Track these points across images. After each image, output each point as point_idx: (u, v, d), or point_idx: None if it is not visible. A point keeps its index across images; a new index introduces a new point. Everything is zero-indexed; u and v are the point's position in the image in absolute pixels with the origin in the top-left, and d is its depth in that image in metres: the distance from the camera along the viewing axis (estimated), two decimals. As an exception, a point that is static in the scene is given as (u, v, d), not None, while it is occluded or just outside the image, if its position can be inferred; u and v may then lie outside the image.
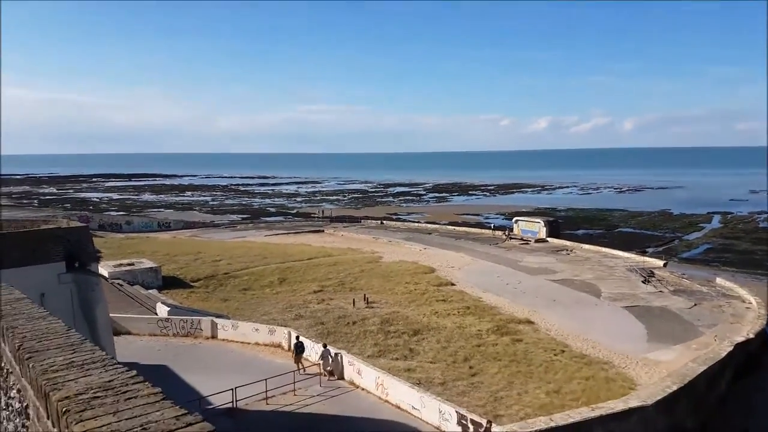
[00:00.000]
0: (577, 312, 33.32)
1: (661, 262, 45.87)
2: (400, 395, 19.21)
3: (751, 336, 26.40)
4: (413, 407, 18.59)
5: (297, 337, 23.73)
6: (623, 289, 38.35)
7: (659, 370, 23.57)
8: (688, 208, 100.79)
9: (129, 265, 40.66)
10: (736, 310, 32.25)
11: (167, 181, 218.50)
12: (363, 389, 21.01)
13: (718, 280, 39.77)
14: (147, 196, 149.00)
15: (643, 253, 53.88)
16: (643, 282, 39.91)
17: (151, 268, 40.42)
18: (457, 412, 16.99)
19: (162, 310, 30.40)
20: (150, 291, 36.94)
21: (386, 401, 19.76)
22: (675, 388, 18.08)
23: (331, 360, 22.39)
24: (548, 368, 24.05)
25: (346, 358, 22.25)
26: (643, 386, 20.28)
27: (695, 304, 33.74)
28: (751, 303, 33.08)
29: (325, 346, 22.81)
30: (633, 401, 16.84)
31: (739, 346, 24.67)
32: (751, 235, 72.29)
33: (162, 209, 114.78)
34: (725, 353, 23.01)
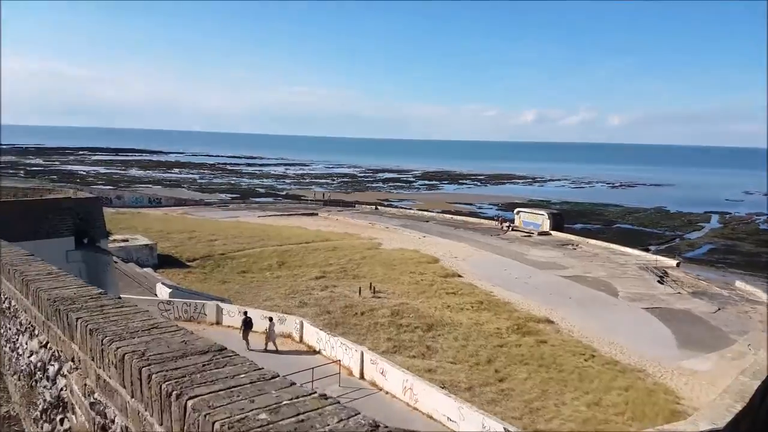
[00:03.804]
0: (596, 312, 31.75)
1: (674, 262, 44.51)
2: (433, 403, 17.30)
3: (790, 347, 24.94)
4: (449, 419, 16.68)
5: (245, 313, 24.24)
6: (640, 288, 36.86)
7: (700, 382, 22.08)
8: (684, 207, 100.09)
9: (123, 241, 38.23)
10: (763, 317, 30.90)
11: (154, 157, 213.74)
12: (387, 392, 19.09)
13: (738, 284, 38.47)
14: (134, 172, 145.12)
15: (646, 250, 52.55)
16: (658, 282, 38.48)
17: (146, 245, 38.05)
18: (506, 429, 15.11)
19: (163, 292, 28.15)
20: (145, 269, 34.65)
21: (416, 409, 17.85)
22: (739, 407, 16.46)
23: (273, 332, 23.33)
24: (582, 375, 22.36)
25: (368, 356, 20.32)
26: (703, 406, 18.64)
27: (719, 309, 32.35)
28: (778, 310, 31.75)
29: (270, 320, 23.56)
30: (703, 424, 15.18)
31: (779, 358, 23.16)
32: (752, 236, 71.54)
33: (150, 185, 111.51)
34: (771, 366, 21.44)
